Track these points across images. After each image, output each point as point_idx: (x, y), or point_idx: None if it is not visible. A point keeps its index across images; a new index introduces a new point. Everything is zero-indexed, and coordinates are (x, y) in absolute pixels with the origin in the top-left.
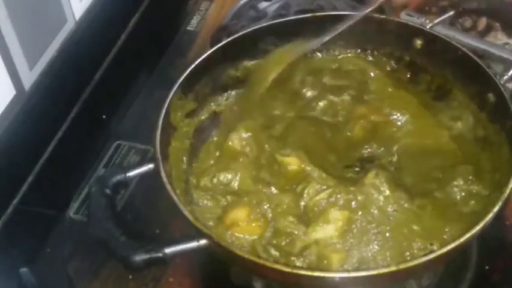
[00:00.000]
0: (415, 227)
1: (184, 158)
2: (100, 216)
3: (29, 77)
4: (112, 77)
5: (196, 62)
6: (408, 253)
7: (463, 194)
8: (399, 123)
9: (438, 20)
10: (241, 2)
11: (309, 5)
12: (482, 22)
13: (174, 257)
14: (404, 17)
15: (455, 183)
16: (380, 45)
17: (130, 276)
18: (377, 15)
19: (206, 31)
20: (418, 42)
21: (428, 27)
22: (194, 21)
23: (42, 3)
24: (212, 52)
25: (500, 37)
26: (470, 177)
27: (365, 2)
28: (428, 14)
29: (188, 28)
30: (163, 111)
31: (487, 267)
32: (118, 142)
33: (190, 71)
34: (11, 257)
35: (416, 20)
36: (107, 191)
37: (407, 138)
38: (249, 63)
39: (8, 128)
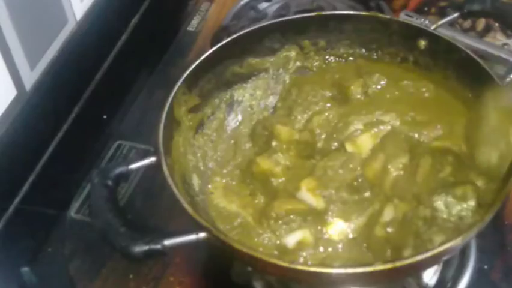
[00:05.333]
0: None
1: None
2: (101, 207)
3: (30, 77)
4: (113, 77)
5: (202, 58)
6: None
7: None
8: None
9: (443, 21)
10: (242, 3)
11: (309, 6)
12: (481, 22)
13: (173, 250)
14: (403, 17)
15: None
16: (385, 45)
17: (131, 276)
18: (382, 15)
19: (206, 31)
20: (422, 43)
21: (432, 28)
22: (194, 21)
23: (43, 3)
24: (217, 48)
25: (499, 37)
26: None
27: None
28: (427, 15)
29: (188, 29)
30: (167, 105)
31: (486, 267)
32: (118, 142)
33: (195, 67)
34: (12, 256)
35: (415, 21)
36: (109, 182)
37: None
38: (253, 60)
39: (9, 128)
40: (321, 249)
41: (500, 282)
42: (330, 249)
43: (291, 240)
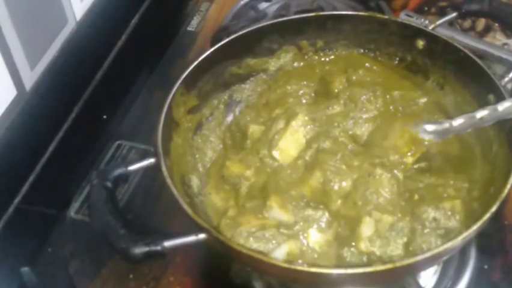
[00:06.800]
0: None
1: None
2: (100, 208)
3: (30, 77)
4: (113, 77)
5: (200, 59)
6: None
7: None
8: None
9: (440, 21)
10: (241, 3)
11: (309, 6)
12: (481, 23)
13: (173, 250)
14: (403, 17)
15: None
16: (383, 45)
17: (131, 276)
18: (380, 15)
19: (206, 32)
20: (420, 43)
21: (430, 28)
22: (194, 21)
23: (43, 3)
24: (215, 49)
25: (499, 37)
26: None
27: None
28: (427, 15)
29: (188, 29)
30: (166, 106)
31: (486, 267)
32: (118, 142)
33: (194, 68)
34: (12, 257)
35: (415, 21)
36: (108, 183)
37: None
38: (251, 61)
39: (9, 128)
40: (309, 257)
41: (500, 282)
42: (316, 255)
43: (280, 254)
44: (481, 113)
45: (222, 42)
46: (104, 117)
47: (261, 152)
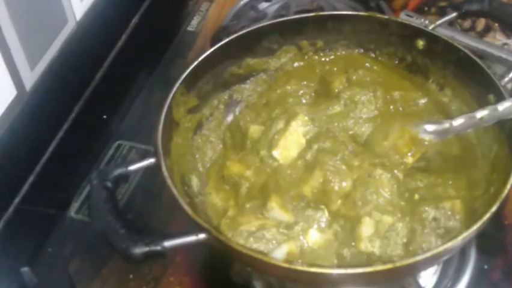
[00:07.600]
0: None
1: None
2: (100, 208)
3: (30, 77)
4: (113, 77)
5: (200, 59)
6: None
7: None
8: None
9: (440, 21)
10: (242, 3)
11: (309, 6)
12: (481, 23)
13: (173, 250)
14: (403, 17)
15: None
16: (383, 45)
17: (131, 276)
18: (380, 15)
19: (206, 31)
20: (420, 43)
21: (430, 28)
22: (194, 21)
23: (43, 3)
24: (216, 49)
25: (499, 37)
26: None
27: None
28: (427, 15)
29: (188, 29)
30: (166, 106)
31: (486, 267)
32: (118, 142)
33: (194, 68)
34: (12, 257)
35: (415, 21)
36: (108, 184)
37: None
38: (251, 61)
39: (9, 128)
40: (309, 257)
41: (500, 282)
42: (316, 255)
43: (280, 254)
44: (481, 113)
45: (222, 42)
46: (104, 117)
47: (261, 152)
